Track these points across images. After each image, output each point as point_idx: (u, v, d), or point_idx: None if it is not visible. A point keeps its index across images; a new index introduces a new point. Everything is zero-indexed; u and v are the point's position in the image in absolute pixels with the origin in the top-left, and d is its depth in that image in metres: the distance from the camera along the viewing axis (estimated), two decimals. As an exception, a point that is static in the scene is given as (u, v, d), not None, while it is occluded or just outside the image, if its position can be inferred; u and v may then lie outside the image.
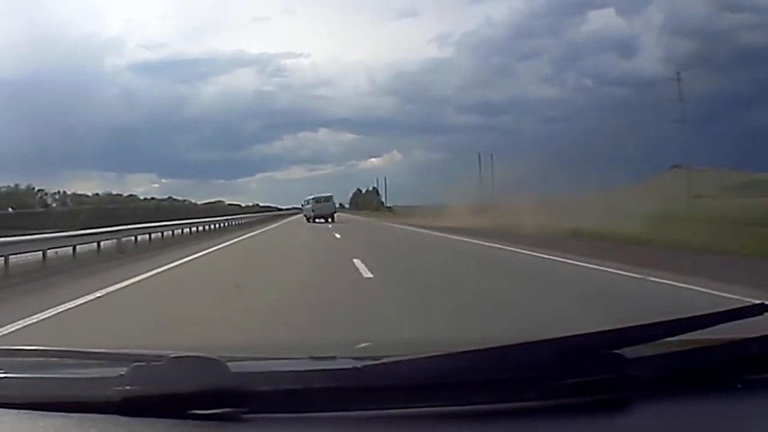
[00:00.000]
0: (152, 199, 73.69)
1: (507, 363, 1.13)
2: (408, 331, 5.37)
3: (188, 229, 25.42)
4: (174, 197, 78.31)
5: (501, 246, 16.03)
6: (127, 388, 1.06)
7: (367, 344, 2.13)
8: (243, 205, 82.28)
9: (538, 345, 1.17)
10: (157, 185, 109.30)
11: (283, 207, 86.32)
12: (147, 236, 19.34)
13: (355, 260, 11.83)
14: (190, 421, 1.05)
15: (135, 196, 73.19)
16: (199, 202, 76.42)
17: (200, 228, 27.46)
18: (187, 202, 75.16)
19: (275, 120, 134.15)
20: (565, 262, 11.73)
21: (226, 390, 1.06)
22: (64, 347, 1.37)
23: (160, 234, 20.79)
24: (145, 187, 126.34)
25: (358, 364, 1.14)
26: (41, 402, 1.10)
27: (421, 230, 27.90)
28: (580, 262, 11.34)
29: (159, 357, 1.11)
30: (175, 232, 23.23)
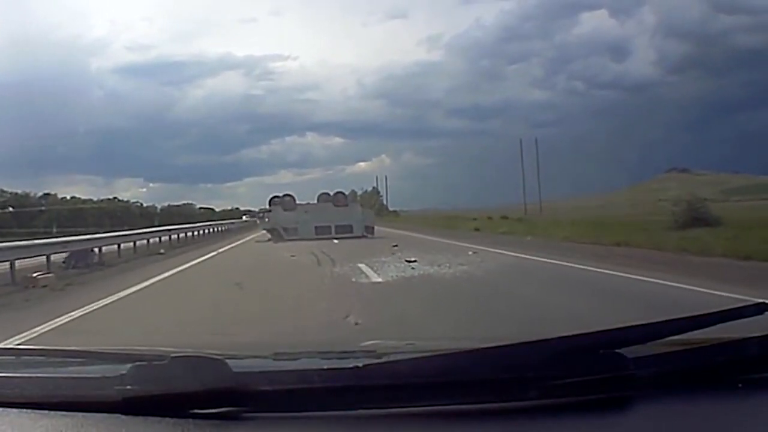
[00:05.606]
0: (72, 198, 57.46)
1: (507, 362, 1.13)
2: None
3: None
4: (119, 198, 66.09)
5: None
6: (128, 387, 1.06)
7: (367, 344, 2.13)
8: (217, 209, 70.00)
9: (538, 344, 1.16)
10: (144, 190, 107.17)
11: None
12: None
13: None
14: (191, 420, 1.05)
15: (52, 195, 56.82)
16: (159, 205, 64.63)
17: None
18: (136, 204, 62.54)
19: (263, 124, 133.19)
20: None
21: (226, 389, 1.06)
22: (66, 347, 1.38)
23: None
24: (132, 191, 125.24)
25: (359, 364, 1.14)
26: (42, 401, 1.10)
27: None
28: None
29: (160, 356, 1.12)
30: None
